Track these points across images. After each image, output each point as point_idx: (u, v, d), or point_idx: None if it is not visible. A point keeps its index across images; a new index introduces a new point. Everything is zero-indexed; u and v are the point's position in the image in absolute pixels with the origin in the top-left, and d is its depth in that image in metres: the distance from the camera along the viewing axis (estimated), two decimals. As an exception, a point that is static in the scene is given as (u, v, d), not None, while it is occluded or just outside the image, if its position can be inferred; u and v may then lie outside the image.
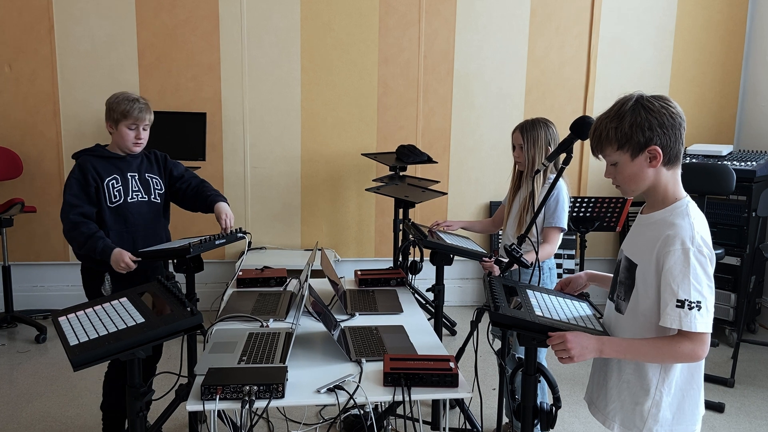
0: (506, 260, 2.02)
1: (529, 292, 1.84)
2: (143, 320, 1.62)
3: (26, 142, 4.21)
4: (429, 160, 4.10)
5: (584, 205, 4.02)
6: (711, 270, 1.47)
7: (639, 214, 1.65)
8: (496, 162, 4.59)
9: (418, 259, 2.88)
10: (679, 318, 1.44)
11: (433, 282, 2.65)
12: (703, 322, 1.44)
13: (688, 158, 4.29)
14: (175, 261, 2.42)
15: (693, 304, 1.43)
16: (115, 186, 2.48)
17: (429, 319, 4.06)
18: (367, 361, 1.91)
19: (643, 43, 4.57)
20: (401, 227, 3.94)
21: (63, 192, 2.46)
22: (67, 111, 4.22)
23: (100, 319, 1.64)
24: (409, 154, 4.04)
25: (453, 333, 4.14)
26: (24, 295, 4.26)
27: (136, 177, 2.55)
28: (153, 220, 2.58)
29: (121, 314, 1.67)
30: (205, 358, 1.90)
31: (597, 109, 4.57)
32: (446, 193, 3.65)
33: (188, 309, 1.63)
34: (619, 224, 4.17)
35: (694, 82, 4.64)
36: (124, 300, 1.77)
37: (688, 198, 1.55)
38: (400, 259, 3.14)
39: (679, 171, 1.56)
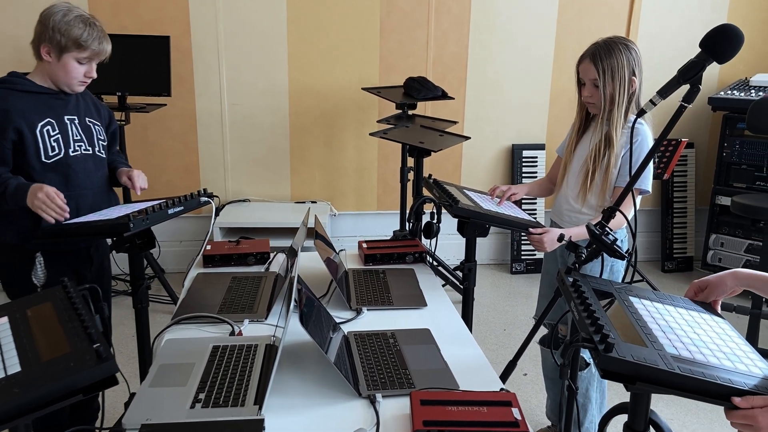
0: (584, 246, 1.37)
1: (635, 302, 1.20)
2: (18, 369, 0.97)
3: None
4: (444, 95, 3.37)
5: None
6: None
7: None
8: (520, 97, 3.87)
9: (434, 220, 2.21)
10: None
11: (454, 252, 2.00)
12: None
13: (753, 91, 3.60)
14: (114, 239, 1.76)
15: None
16: (51, 134, 1.80)
17: (443, 285, 3.47)
18: (383, 397, 1.30)
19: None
20: (409, 177, 3.27)
21: None
22: (-1, 34, 3.43)
23: (-48, 364, 1.00)
24: (419, 89, 3.31)
25: (470, 300, 3.54)
26: None
27: (76, 121, 1.88)
28: (103, 182, 1.94)
29: (-12, 353, 1.02)
30: (143, 397, 1.28)
31: (643, 30, 3.81)
32: (469, 137, 2.96)
33: (95, 349, 0.98)
34: (667, 171, 3.52)
35: (757, 1, 3.86)
36: (3, 322, 1.12)
37: None
38: (411, 220, 2.50)
39: None
